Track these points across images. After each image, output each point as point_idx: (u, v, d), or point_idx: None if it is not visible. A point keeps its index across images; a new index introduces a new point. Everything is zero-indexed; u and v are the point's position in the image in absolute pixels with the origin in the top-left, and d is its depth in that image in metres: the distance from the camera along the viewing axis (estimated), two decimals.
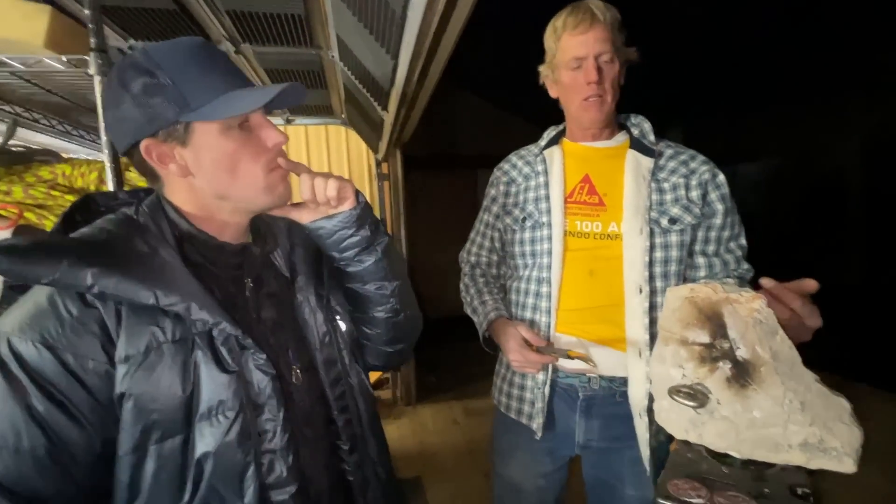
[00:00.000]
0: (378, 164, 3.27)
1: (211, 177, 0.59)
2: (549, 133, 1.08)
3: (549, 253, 0.97)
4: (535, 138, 1.13)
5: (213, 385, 0.54)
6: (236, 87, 0.58)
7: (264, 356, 0.58)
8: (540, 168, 1.02)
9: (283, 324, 0.67)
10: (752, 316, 0.57)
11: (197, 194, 0.60)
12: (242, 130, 0.59)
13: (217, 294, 0.58)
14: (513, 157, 1.11)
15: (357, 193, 0.70)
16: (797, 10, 2.63)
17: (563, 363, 0.96)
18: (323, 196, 0.66)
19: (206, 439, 0.54)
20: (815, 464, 0.53)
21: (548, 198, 0.98)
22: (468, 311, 1.12)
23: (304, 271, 0.71)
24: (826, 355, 0.67)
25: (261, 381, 0.58)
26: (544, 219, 0.98)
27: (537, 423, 0.98)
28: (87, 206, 0.62)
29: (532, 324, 0.99)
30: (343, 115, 2.96)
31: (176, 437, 0.53)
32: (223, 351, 0.56)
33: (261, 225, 0.72)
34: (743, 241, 0.99)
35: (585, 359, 0.89)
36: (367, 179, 3.37)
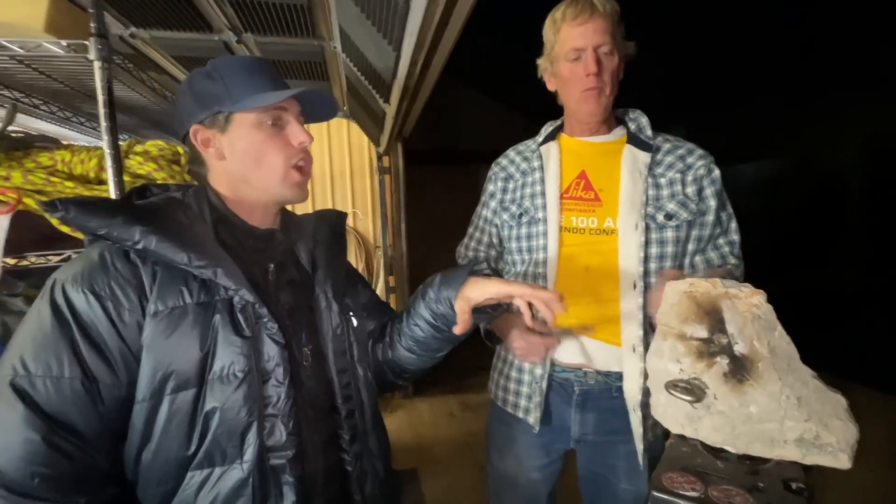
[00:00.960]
0: (379, 157, 3.26)
1: (239, 162, 0.67)
2: (547, 128, 1.07)
3: (545, 248, 0.96)
4: (536, 134, 1.11)
5: (228, 347, 0.60)
6: (272, 90, 0.67)
7: (276, 326, 0.63)
8: (536, 164, 1.01)
9: (298, 309, 0.72)
10: (750, 311, 0.57)
11: (229, 177, 0.69)
12: (274, 127, 0.67)
13: (242, 272, 0.64)
14: (510, 153, 1.10)
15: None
16: (798, 8, 2.61)
17: (561, 356, 0.96)
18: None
19: (215, 395, 0.59)
20: (810, 459, 0.53)
21: (543, 193, 0.98)
22: None
23: (324, 266, 0.77)
24: (820, 354, 0.67)
25: (271, 349, 0.63)
26: (540, 214, 0.97)
27: (534, 417, 0.98)
28: (143, 192, 0.70)
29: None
30: (345, 108, 2.94)
31: (189, 390, 0.58)
32: (240, 318, 0.61)
33: (290, 221, 0.80)
34: (733, 236, 0.98)
35: (586, 329, 0.90)
36: (368, 172, 3.36)
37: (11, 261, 1.02)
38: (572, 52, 0.90)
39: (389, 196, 3.31)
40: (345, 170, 3.34)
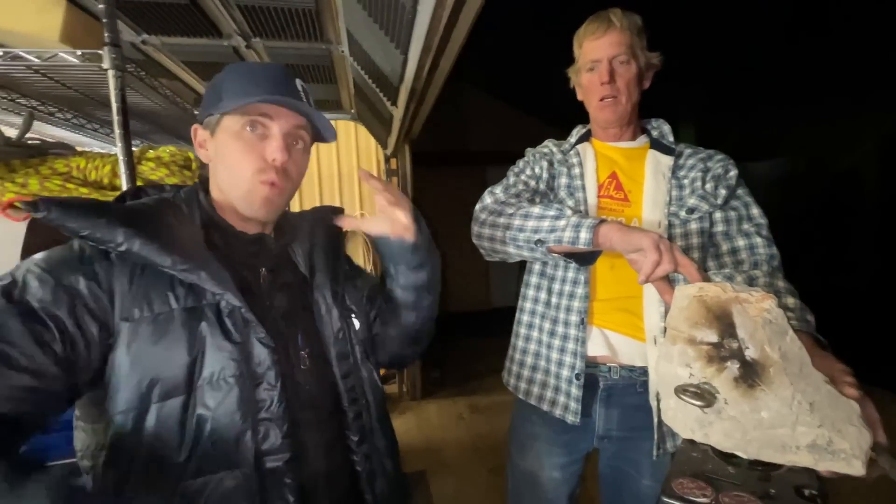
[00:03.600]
0: (387, 159, 3.28)
1: (218, 167, 0.68)
2: (578, 131, 1.11)
3: None
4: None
5: (216, 352, 0.59)
6: (267, 95, 0.64)
7: (264, 331, 0.62)
8: (575, 160, 1.04)
9: (295, 312, 0.70)
10: (761, 316, 0.56)
11: (216, 181, 0.69)
12: (255, 136, 0.65)
13: (232, 279, 0.62)
14: (549, 143, 1.12)
15: (418, 223, 0.75)
16: (811, 10, 2.58)
17: (590, 346, 0.97)
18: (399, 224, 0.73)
19: (206, 402, 0.58)
20: (823, 465, 0.53)
21: (583, 188, 1.00)
22: (515, 221, 0.89)
23: (322, 270, 0.75)
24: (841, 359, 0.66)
25: (260, 353, 0.61)
26: (581, 208, 0.99)
27: (573, 411, 0.97)
28: (138, 193, 0.70)
29: (568, 310, 0.99)
30: (352, 111, 2.96)
31: (177, 398, 0.57)
32: (228, 322, 0.60)
33: (284, 222, 0.77)
34: (759, 219, 0.96)
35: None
36: (375, 174, 3.37)
37: None
38: (590, 64, 0.97)
39: None
40: (353, 172, 3.36)
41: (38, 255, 0.56)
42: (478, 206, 1.02)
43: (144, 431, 0.55)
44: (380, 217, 0.76)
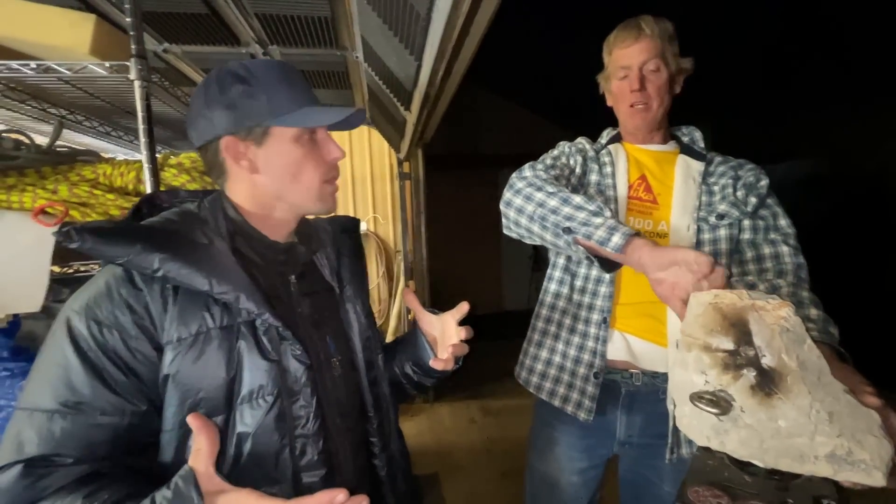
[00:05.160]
0: (400, 163, 3.30)
1: (275, 177, 0.65)
2: (609, 132, 1.11)
3: None
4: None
5: (254, 370, 0.59)
6: (311, 104, 0.67)
7: (300, 348, 0.62)
8: (607, 160, 1.04)
9: (324, 319, 0.71)
10: (778, 323, 0.56)
11: (257, 191, 0.66)
12: (311, 141, 0.66)
13: (262, 286, 0.63)
14: (583, 140, 1.12)
15: (457, 363, 0.82)
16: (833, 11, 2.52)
17: (608, 354, 0.97)
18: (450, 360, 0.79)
19: (245, 420, 0.58)
20: (842, 476, 0.52)
21: (614, 187, 1.00)
22: (552, 201, 0.86)
23: (351, 281, 0.77)
24: (867, 364, 0.64)
25: (297, 369, 0.62)
26: (611, 206, 0.99)
27: (586, 409, 0.97)
28: (153, 201, 0.69)
29: (590, 308, 0.99)
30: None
31: (218, 417, 0.57)
32: (264, 340, 0.60)
33: (307, 229, 0.78)
34: (787, 229, 0.95)
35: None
36: (388, 179, 3.41)
37: (58, 269, 1.08)
38: (621, 71, 0.98)
39: (410, 201, 3.34)
40: (366, 175, 3.39)
41: (74, 303, 0.57)
42: (515, 175, 0.97)
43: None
44: (435, 321, 0.82)
